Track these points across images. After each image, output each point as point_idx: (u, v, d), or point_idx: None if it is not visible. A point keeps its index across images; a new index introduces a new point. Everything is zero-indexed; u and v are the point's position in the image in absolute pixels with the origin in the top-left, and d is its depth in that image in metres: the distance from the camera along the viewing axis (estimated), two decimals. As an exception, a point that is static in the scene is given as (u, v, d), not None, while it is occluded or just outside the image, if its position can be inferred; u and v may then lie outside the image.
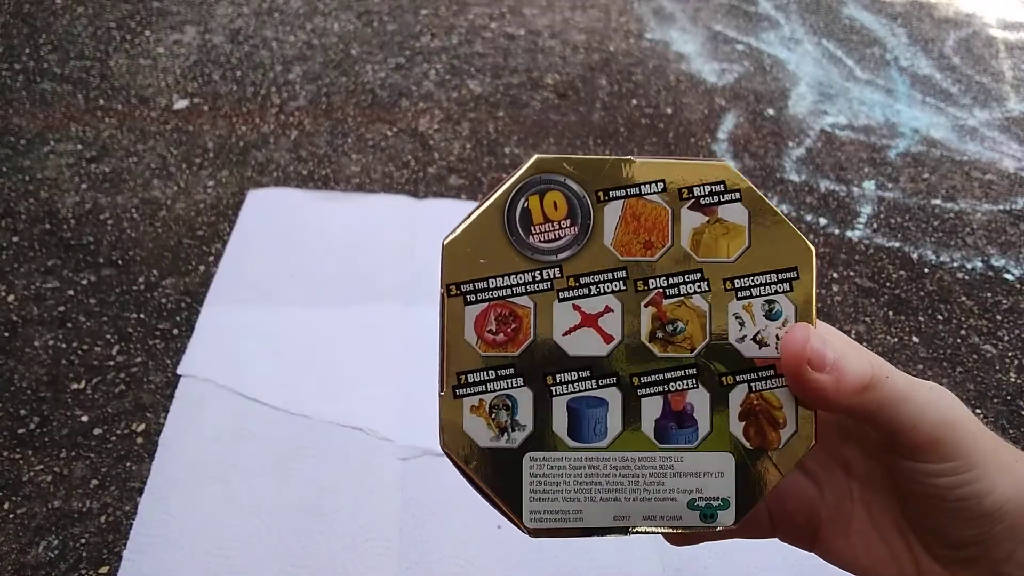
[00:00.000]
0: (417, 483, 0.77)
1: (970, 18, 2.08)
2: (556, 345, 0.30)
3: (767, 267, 0.30)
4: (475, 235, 0.30)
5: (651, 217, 0.30)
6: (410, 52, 1.61)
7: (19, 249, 1.02)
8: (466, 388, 0.29)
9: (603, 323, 0.30)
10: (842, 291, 1.11)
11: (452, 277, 0.30)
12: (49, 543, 0.70)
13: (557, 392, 0.29)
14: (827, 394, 0.30)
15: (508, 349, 0.29)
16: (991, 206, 1.35)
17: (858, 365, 0.30)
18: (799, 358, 0.30)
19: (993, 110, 1.65)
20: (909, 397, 0.30)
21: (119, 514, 0.73)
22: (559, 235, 0.29)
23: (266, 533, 0.71)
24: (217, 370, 0.88)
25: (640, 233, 0.30)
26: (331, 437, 0.80)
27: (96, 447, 0.79)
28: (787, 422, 0.30)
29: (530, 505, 0.29)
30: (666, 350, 0.30)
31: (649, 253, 0.30)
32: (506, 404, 0.29)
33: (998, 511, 0.32)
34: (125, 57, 1.48)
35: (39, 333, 0.91)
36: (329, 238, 1.09)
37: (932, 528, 0.33)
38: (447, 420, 0.29)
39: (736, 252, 0.30)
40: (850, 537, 0.34)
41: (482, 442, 0.29)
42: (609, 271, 0.30)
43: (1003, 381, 1.00)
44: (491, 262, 0.30)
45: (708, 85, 1.62)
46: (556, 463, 0.29)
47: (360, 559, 0.69)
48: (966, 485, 0.31)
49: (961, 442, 0.31)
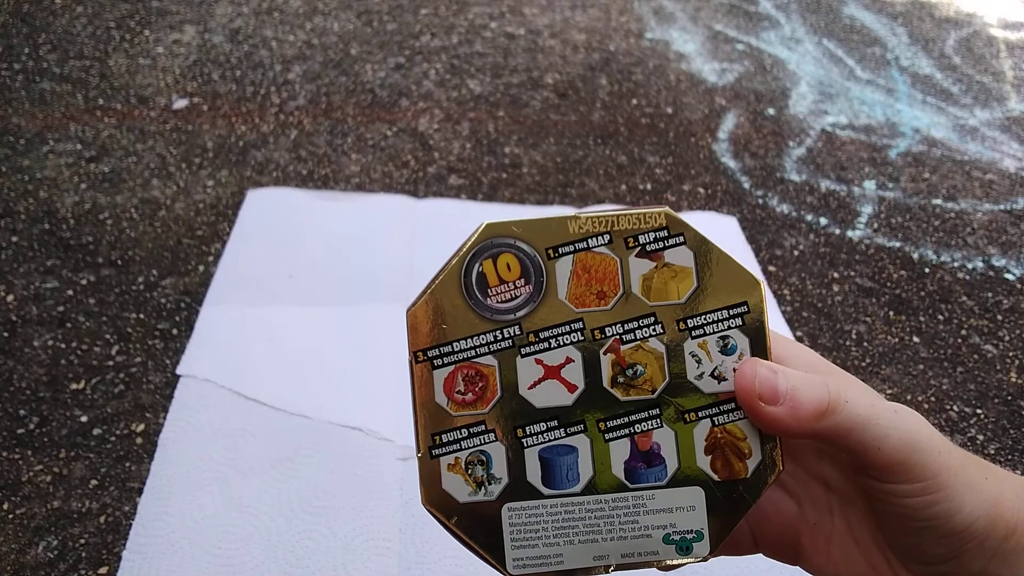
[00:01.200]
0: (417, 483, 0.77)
1: (971, 17, 2.08)
2: (523, 399, 0.31)
3: (717, 304, 0.32)
4: (436, 302, 0.32)
5: (601, 268, 0.32)
6: (410, 52, 1.61)
7: (18, 249, 1.02)
8: (441, 448, 0.31)
9: (565, 374, 0.32)
10: (843, 291, 1.11)
11: (418, 344, 0.32)
12: (48, 543, 0.70)
13: (528, 444, 0.31)
14: (784, 424, 0.31)
15: (478, 407, 0.31)
16: (992, 206, 1.35)
17: (812, 393, 0.31)
18: (749, 394, 0.31)
19: (994, 110, 1.65)
20: (871, 420, 0.31)
21: (118, 514, 0.73)
22: (515, 295, 0.31)
23: (265, 533, 0.71)
24: (216, 370, 0.88)
25: (592, 284, 0.32)
26: (331, 437, 0.80)
27: (95, 447, 0.79)
28: (752, 452, 0.32)
29: (512, 552, 0.31)
30: (628, 393, 0.32)
31: (603, 303, 0.32)
32: (481, 459, 0.31)
33: (967, 530, 0.32)
34: (124, 57, 1.48)
35: (38, 333, 0.90)
36: (328, 238, 1.09)
37: (905, 545, 0.34)
38: (426, 479, 0.31)
39: (686, 293, 0.32)
40: (831, 552, 0.35)
41: (461, 498, 0.31)
42: (566, 324, 0.32)
43: (1004, 381, 1.00)
44: (453, 326, 0.31)
45: (708, 85, 1.62)
46: (533, 511, 0.31)
47: (359, 559, 0.69)
48: (934, 505, 0.32)
49: (927, 463, 0.31)
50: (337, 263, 1.05)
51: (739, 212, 1.24)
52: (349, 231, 1.11)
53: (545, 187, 1.25)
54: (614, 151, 1.36)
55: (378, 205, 1.17)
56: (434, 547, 0.71)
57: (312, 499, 0.74)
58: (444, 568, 0.69)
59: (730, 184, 1.31)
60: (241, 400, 0.83)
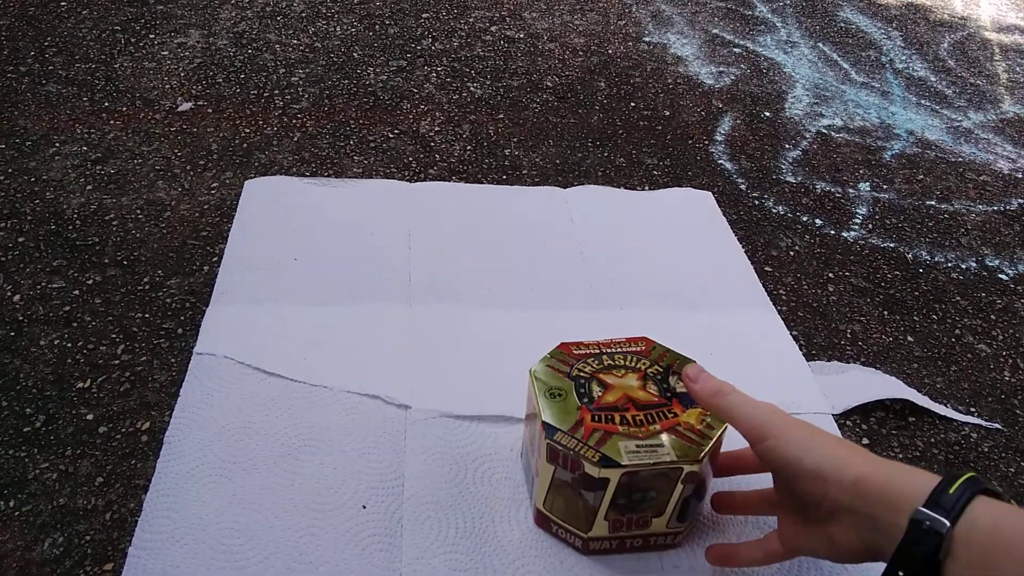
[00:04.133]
0: (419, 479, 0.78)
1: (965, 21, 2.10)
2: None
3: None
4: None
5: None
6: (411, 55, 1.62)
7: (25, 249, 1.03)
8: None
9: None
10: (837, 291, 1.12)
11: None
12: (54, 540, 0.71)
13: None
14: (695, 395, 0.65)
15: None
16: (985, 207, 1.36)
17: (712, 382, 0.64)
18: (687, 379, 0.67)
19: (988, 112, 1.66)
20: (744, 404, 0.61)
21: (124, 511, 0.74)
22: None
23: (269, 529, 0.71)
24: (232, 348, 0.89)
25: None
26: (335, 435, 0.81)
27: (101, 445, 0.80)
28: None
29: None
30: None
31: None
32: None
33: (817, 469, 0.55)
34: (130, 60, 1.49)
35: (45, 332, 0.91)
36: (328, 220, 1.12)
37: (792, 491, 0.59)
38: None
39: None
40: (798, 539, 0.61)
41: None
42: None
43: (997, 380, 1.01)
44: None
45: (705, 87, 1.63)
46: None
47: (362, 555, 0.70)
48: (777, 450, 0.57)
49: (769, 428, 0.58)
50: (338, 243, 1.08)
51: (735, 213, 1.25)
52: (347, 214, 1.14)
53: (544, 189, 1.26)
54: (612, 153, 1.37)
55: (372, 189, 1.20)
56: (435, 541, 0.72)
57: (316, 494, 0.75)
58: (444, 562, 0.70)
59: (727, 186, 1.32)
60: (246, 398, 0.84)
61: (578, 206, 1.22)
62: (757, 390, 0.61)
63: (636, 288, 1.07)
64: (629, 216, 1.21)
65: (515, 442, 0.82)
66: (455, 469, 0.79)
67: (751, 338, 1.01)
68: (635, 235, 1.17)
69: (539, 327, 0.98)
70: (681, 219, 1.22)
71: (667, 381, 0.70)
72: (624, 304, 1.04)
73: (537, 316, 1.00)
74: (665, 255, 1.14)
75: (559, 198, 1.23)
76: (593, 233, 1.16)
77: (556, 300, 1.03)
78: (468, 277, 1.05)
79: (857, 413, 0.93)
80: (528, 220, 1.17)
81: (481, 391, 0.88)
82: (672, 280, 1.09)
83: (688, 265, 1.12)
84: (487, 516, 0.74)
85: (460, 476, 0.78)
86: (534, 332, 0.97)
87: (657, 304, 1.04)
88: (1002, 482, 0.87)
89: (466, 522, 0.74)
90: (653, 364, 0.71)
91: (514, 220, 1.17)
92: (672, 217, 1.22)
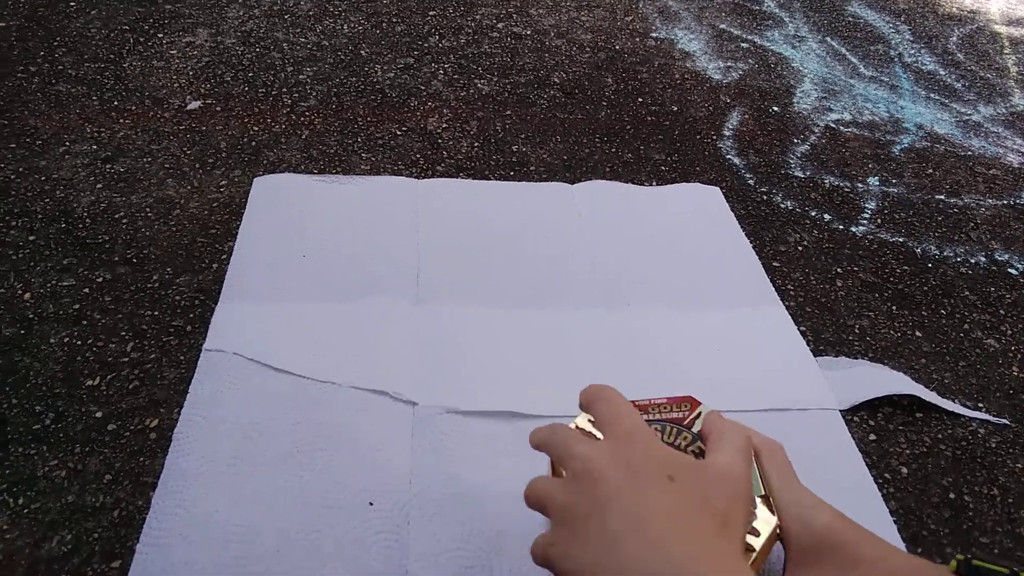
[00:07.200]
0: (426, 476, 0.78)
1: (974, 14, 2.08)
2: None
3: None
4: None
5: None
6: (418, 52, 1.62)
7: (35, 248, 1.03)
8: None
9: None
10: (846, 286, 1.12)
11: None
12: (63, 537, 0.71)
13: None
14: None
15: None
16: (995, 201, 1.35)
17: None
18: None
19: (997, 105, 1.65)
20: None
21: (132, 508, 0.74)
22: None
23: (276, 526, 0.72)
24: (241, 345, 0.90)
25: None
26: (343, 431, 0.81)
27: (110, 442, 0.80)
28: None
29: None
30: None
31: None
32: None
33: (826, 528, 0.56)
34: (139, 59, 1.49)
35: (55, 330, 0.92)
36: (335, 217, 1.12)
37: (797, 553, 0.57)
38: None
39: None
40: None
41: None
42: None
43: (1006, 375, 1.01)
44: None
45: (713, 83, 1.63)
46: None
47: (368, 552, 0.70)
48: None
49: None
50: (347, 240, 1.08)
51: (744, 208, 1.25)
52: (355, 210, 1.15)
53: (551, 185, 1.26)
54: (620, 149, 1.37)
55: (380, 186, 1.20)
56: (442, 539, 0.72)
57: (322, 492, 0.75)
58: (452, 560, 0.70)
59: (735, 181, 1.32)
60: (253, 395, 0.84)
61: (586, 202, 1.21)
62: (764, 385, 0.61)
63: (644, 284, 1.07)
64: (637, 211, 1.21)
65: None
66: (462, 465, 0.79)
67: (759, 333, 1.00)
68: (643, 230, 1.17)
69: (547, 323, 0.98)
70: (689, 214, 1.22)
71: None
72: (632, 300, 1.04)
73: (545, 312, 1.00)
74: (673, 250, 1.13)
75: (567, 194, 1.23)
76: (601, 229, 1.16)
77: (564, 296, 1.03)
78: (476, 273, 1.05)
79: (864, 409, 0.92)
80: (536, 216, 1.17)
81: (488, 387, 0.88)
82: (680, 276, 1.09)
83: (696, 261, 1.12)
84: (494, 513, 0.74)
85: (467, 472, 0.79)
86: (542, 328, 0.97)
87: (665, 300, 1.04)
88: (1010, 478, 0.87)
89: (473, 519, 0.74)
90: (694, 441, 0.60)
91: (522, 216, 1.17)
92: (680, 212, 1.22)
